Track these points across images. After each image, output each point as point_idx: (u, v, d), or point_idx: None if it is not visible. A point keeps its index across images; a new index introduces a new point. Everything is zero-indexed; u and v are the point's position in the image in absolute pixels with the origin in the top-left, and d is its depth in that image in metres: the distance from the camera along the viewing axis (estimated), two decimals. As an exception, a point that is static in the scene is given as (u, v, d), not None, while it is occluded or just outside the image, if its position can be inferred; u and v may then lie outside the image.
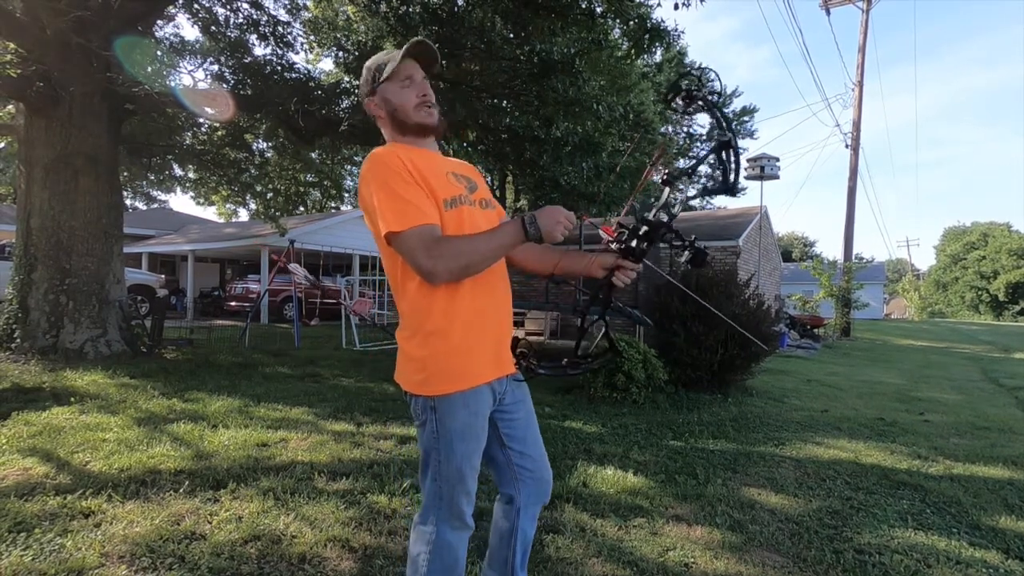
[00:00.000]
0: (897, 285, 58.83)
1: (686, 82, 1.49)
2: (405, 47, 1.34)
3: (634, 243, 1.36)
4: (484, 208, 1.41)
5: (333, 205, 22.18)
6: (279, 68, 8.13)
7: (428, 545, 1.33)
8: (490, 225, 1.34)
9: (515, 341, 1.45)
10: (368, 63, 1.40)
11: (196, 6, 7.99)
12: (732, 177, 1.36)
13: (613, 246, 1.39)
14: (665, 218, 1.37)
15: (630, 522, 2.42)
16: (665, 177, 1.39)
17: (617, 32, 7.88)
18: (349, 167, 20.91)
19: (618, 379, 4.86)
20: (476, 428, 1.33)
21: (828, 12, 19.67)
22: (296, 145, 9.11)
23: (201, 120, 9.07)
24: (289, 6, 8.98)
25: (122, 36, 6.09)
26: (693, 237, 1.39)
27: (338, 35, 8.96)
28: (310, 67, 10.72)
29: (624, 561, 2.08)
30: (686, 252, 1.38)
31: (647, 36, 6.77)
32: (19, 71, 5.70)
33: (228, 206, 16.20)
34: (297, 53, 9.30)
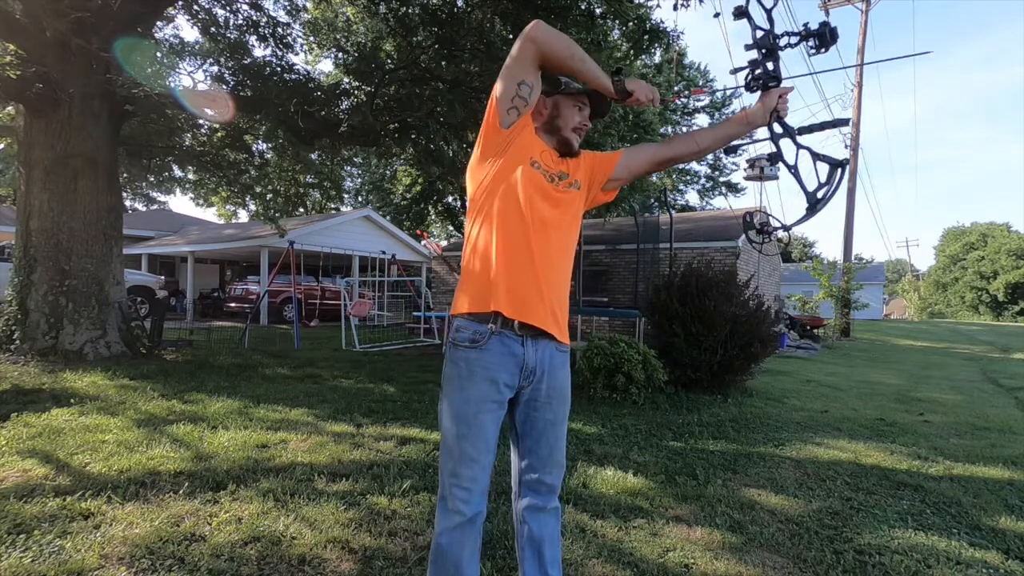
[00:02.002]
0: (897, 286, 58.86)
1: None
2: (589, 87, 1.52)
3: (769, 66, 1.45)
4: (567, 187, 1.49)
5: (333, 206, 22.19)
6: (279, 69, 8.14)
7: (437, 518, 1.42)
8: (555, 193, 1.45)
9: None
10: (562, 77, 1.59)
11: (196, 7, 8.00)
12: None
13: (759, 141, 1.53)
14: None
15: (630, 523, 2.42)
16: (737, 10, 1.47)
17: (616, 33, 7.89)
18: (349, 168, 20.95)
19: (618, 380, 4.86)
20: (475, 375, 1.37)
21: (827, 13, 19.69)
22: (296, 146, 9.12)
23: (201, 121, 9.07)
24: (289, 7, 8.99)
25: (122, 38, 6.10)
26: (806, 24, 1.43)
27: (338, 36, 8.97)
28: (310, 68, 10.72)
29: (624, 562, 2.08)
30: (812, 39, 1.43)
31: (646, 37, 6.78)
32: (19, 72, 5.70)
33: (228, 207, 16.15)
34: (297, 54, 9.35)
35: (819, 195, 1.50)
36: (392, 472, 2.88)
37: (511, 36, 7.39)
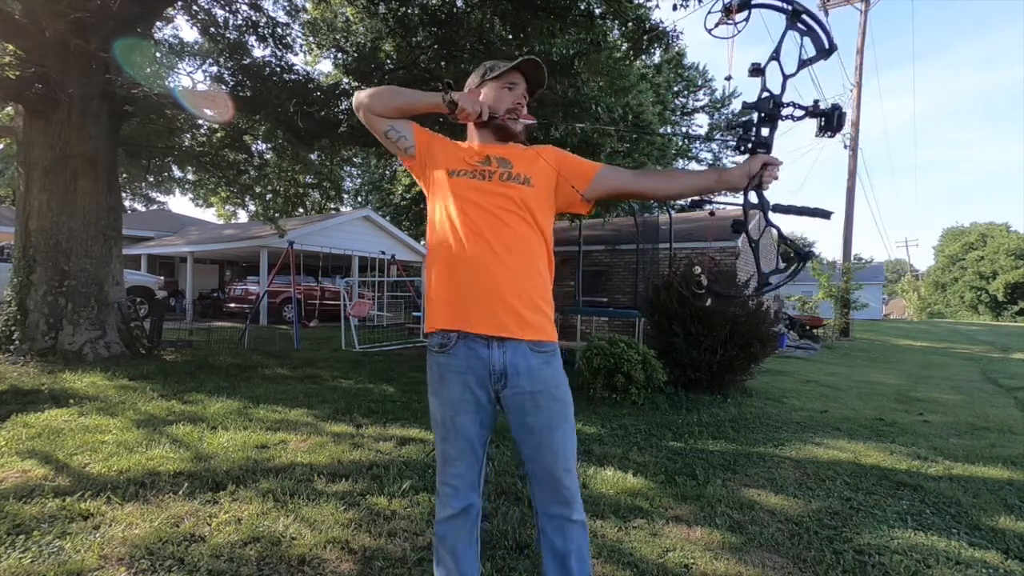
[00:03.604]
0: (896, 286, 58.89)
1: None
2: (520, 59, 1.51)
3: (764, 132, 1.38)
4: (503, 180, 1.45)
5: (332, 206, 22.19)
6: (278, 69, 8.13)
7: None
8: (490, 188, 1.43)
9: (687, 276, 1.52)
10: (485, 62, 1.59)
11: (195, 8, 8.00)
12: (825, 37, 1.33)
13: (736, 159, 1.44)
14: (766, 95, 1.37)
15: (630, 523, 2.42)
16: (753, 68, 1.41)
17: (616, 33, 7.89)
18: (348, 168, 20.92)
19: (617, 380, 4.86)
20: (446, 379, 1.40)
21: (826, 13, 19.68)
22: (295, 146, 9.11)
23: (200, 121, 9.07)
24: (288, 7, 8.98)
25: (121, 38, 6.10)
26: (815, 102, 1.37)
27: (337, 36, 8.96)
28: (309, 68, 10.72)
29: (624, 562, 2.08)
30: (818, 119, 1.36)
31: (646, 37, 6.79)
32: (18, 73, 5.70)
33: (227, 207, 16.16)
34: (296, 55, 9.33)
35: (771, 280, 1.42)
36: (392, 472, 2.87)
37: (510, 36, 7.39)
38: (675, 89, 26.81)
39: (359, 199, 26.66)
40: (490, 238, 1.38)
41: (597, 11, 6.82)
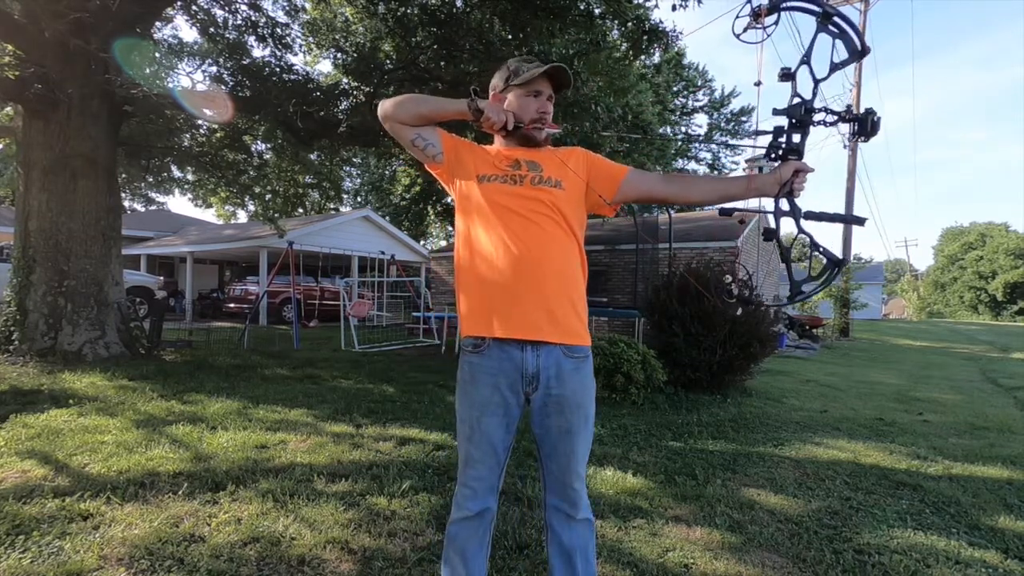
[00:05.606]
0: (896, 285, 58.97)
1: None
2: (547, 65, 1.48)
3: (795, 138, 1.37)
4: (535, 184, 1.44)
5: (332, 207, 22.19)
6: (277, 70, 8.14)
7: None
8: (522, 192, 1.43)
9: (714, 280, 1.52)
10: (509, 62, 1.55)
11: (194, 8, 7.99)
12: (857, 39, 1.32)
13: (765, 166, 1.42)
14: (798, 100, 1.36)
15: (629, 523, 2.42)
16: (783, 73, 1.40)
17: (616, 33, 7.89)
18: (348, 168, 20.94)
19: (617, 380, 4.87)
20: (477, 380, 1.40)
21: (826, 13, 19.66)
22: (295, 147, 9.11)
23: (200, 122, 9.06)
24: (287, 7, 8.98)
25: (120, 38, 6.09)
26: (848, 107, 1.37)
27: (336, 36, 8.96)
28: (308, 69, 10.71)
29: (624, 562, 2.08)
30: (851, 124, 1.34)
31: (645, 37, 6.79)
32: (17, 73, 5.70)
33: (227, 208, 16.18)
34: (296, 55, 9.32)
35: (804, 288, 1.41)
36: (391, 472, 2.87)
37: (510, 36, 7.39)
38: (675, 89, 26.84)
39: (359, 199, 26.67)
40: (524, 241, 1.38)
41: (597, 11, 6.82)
